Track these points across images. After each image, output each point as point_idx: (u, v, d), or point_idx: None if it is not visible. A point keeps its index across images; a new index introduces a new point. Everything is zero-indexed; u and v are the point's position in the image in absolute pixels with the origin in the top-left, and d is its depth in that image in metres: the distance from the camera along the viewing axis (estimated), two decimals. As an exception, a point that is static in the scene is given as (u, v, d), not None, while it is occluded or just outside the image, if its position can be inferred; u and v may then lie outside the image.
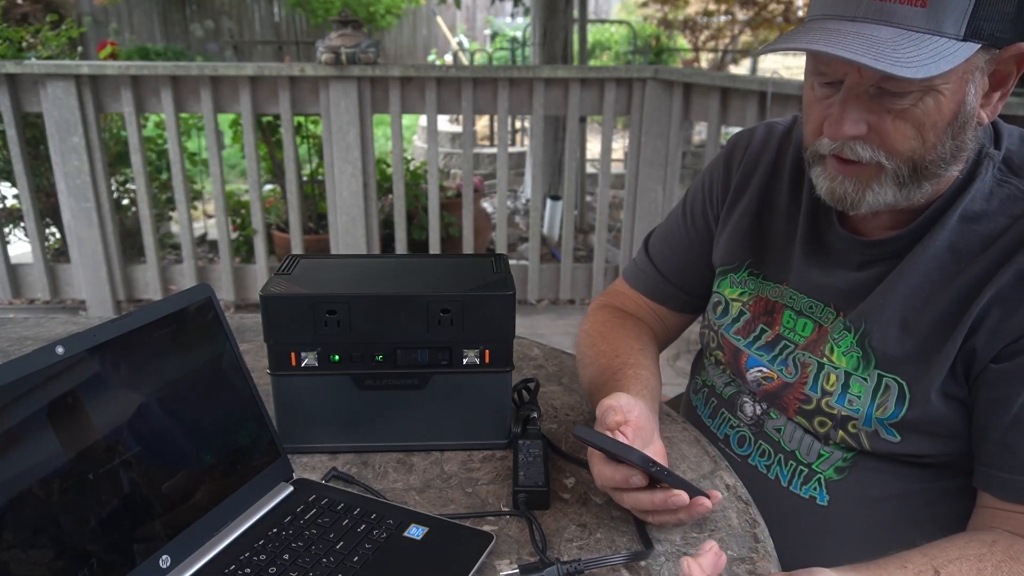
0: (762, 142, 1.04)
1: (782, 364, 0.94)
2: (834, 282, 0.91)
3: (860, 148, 0.79)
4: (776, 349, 0.95)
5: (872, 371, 0.85)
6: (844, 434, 0.87)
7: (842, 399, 0.87)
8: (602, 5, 11.91)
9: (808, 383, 0.90)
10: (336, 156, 3.24)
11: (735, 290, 1.02)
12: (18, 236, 3.75)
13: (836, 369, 0.88)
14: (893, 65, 0.69)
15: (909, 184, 0.80)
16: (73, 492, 0.62)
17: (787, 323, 0.95)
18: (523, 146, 6.86)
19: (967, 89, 0.75)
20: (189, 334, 0.76)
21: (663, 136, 3.22)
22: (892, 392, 0.83)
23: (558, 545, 0.77)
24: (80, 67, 3.08)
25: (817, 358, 0.90)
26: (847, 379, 0.87)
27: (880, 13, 0.72)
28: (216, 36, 10.16)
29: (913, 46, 0.71)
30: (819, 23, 0.77)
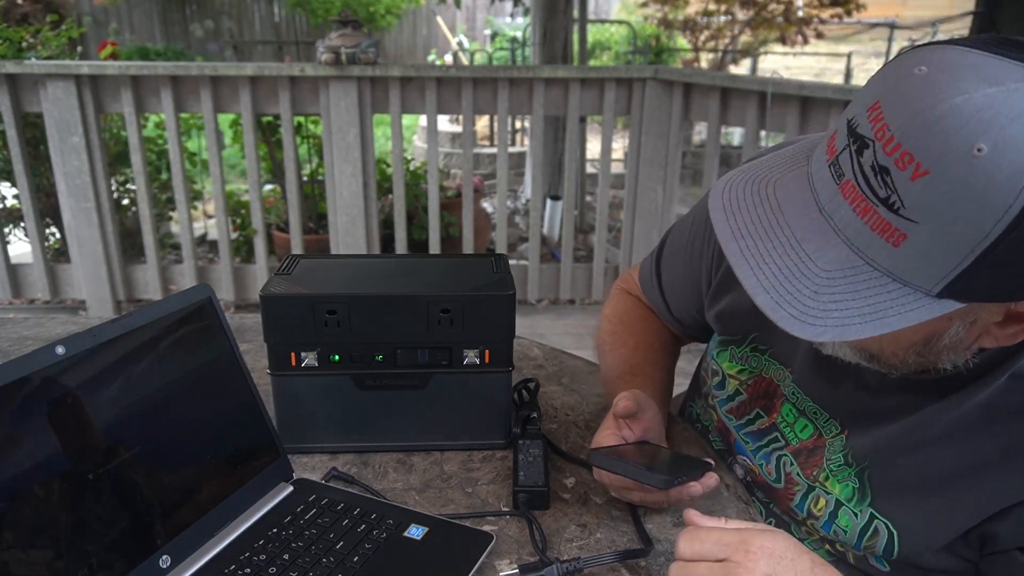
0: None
1: (764, 459, 0.86)
2: (843, 399, 0.79)
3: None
4: (764, 440, 0.86)
5: (865, 507, 0.75)
6: (830, 548, 0.81)
7: (828, 526, 0.78)
8: (602, 5, 11.91)
9: (795, 500, 0.82)
10: (336, 156, 3.24)
11: (734, 366, 0.91)
12: (18, 236, 3.75)
13: (828, 495, 0.79)
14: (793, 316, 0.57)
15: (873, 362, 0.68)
16: (73, 492, 0.62)
17: (786, 416, 0.84)
18: (523, 146, 6.86)
19: (949, 325, 0.60)
20: (189, 334, 0.76)
21: (663, 136, 3.22)
22: (881, 536, 0.74)
23: (558, 545, 0.77)
24: (80, 67, 3.08)
25: (807, 480, 0.81)
26: (836, 508, 0.78)
27: (848, 226, 0.56)
28: (216, 36, 10.16)
29: (851, 290, 0.56)
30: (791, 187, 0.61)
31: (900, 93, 0.54)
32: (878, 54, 9.59)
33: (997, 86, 0.51)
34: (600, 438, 0.84)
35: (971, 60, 0.53)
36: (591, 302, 3.67)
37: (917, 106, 0.52)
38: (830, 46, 10.36)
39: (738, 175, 0.66)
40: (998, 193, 0.50)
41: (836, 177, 0.57)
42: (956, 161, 0.50)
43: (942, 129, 0.51)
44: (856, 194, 0.55)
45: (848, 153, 0.56)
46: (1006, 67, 0.52)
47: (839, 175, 0.57)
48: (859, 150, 0.55)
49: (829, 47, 10.47)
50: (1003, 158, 0.49)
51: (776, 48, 8.99)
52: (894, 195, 0.53)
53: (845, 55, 8.69)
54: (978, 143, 0.50)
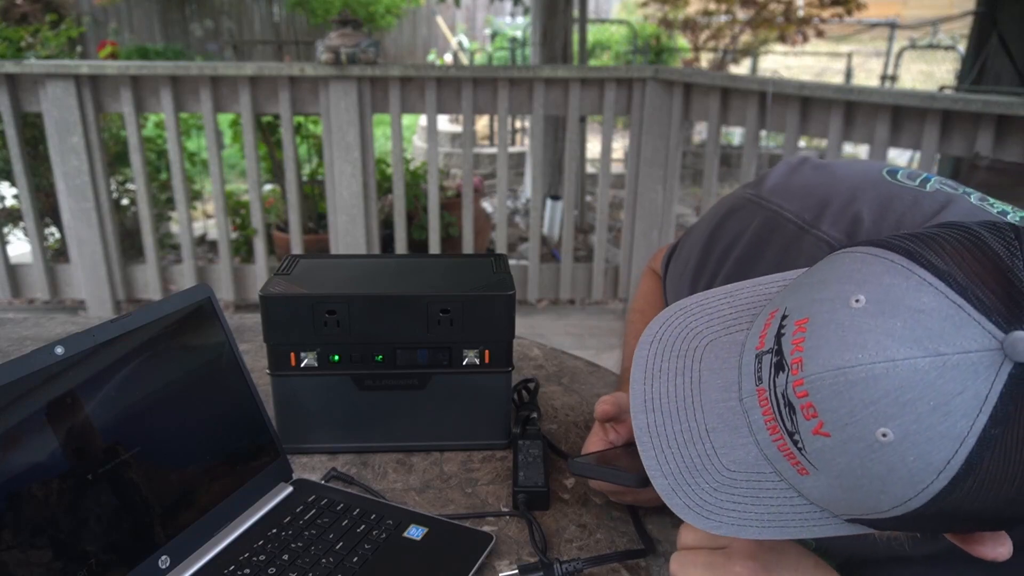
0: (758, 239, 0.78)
1: None
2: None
3: None
4: None
5: None
6: None
7: None
8: (602, 5, 11.91)
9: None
10: (336, 156, 3.24)
11: None
12: (18, 236, 3.75)
13: None
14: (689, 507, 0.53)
15: None
16: (73, 492, 0.62)
17: None
18: (523, 146, 6.86)
19: None
20: (189, 334, 0.76)
21: (663, 136, 3.22)
22: None
23: (558, 545, 0.77)
24: (80, 67, 3.08)
25: None
26: None
27: (759, 431, 0.52)
28: (216, 36, 10.16)
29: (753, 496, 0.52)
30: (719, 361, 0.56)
31: (826, 328, 0.47)
32: (878, 54, 9.59)
33: (933, 356, 0.42)
34: (588, 444, 0.84)
35: (919, 303, 0.44)
36: (591, 302, 3.68)
37: (834, 360, 0.45)
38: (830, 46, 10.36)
39: (676, 320, 0.61)
40: (898, 484, 0.44)
41: (756, 378, 0.52)
42: (857, 438, 0.45)
43: (851, 398, 0.44)
44: (768, 409, 0.50)
45: (770, 361, 0.50)
46: (959, 323, 0.42)
47: (759, 377, 0.51)
48: (777, 367, 0.49)
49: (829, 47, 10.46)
50: (910, 451, 0.43)
51: (776, 48, 8.99)
52: (798, 434, 0.48)
53: (845, 55, 8.69)
54: (884, 427, 0.43)
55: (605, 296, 3.57)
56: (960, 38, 7.47)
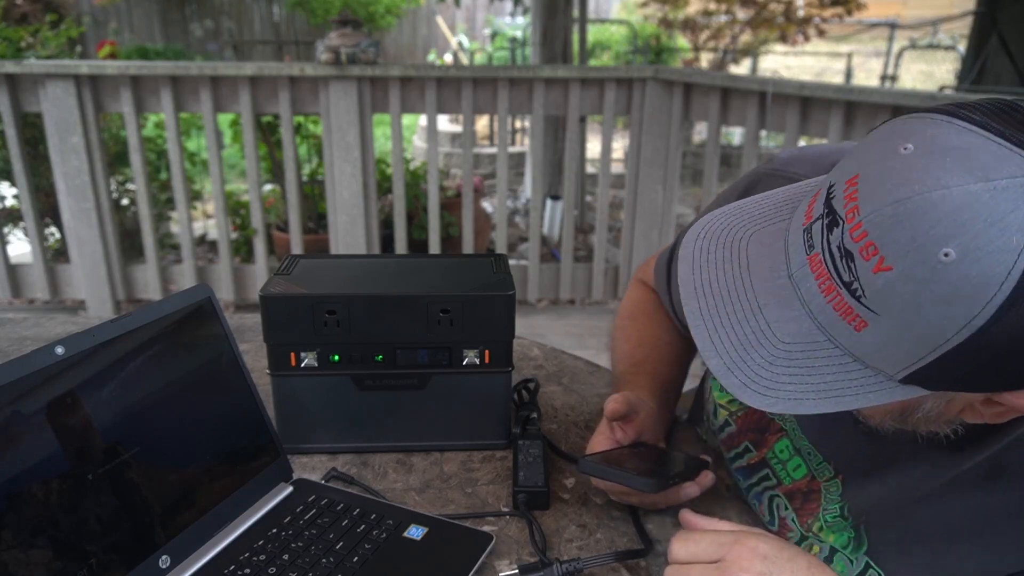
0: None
1: (756, 499, 0.83)
2: (841, 441, 0.75)
3: None
4: (755, 477, 0.83)
5: (861, 556, 0.72)
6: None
7: None
8: (602, 5, 11.91)
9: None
10: (336, 156, 3.24)
11: (724, 396, 0.88)
12: (18, 236, 3.75)
13: (821, 543, 0.76)
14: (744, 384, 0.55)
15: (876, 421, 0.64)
16: (73, 492, 0.62)
17: (779, 452, 0.81)
18: (523, 146, 6.86)
19: (921, 403, 0.57)
20: (189, 334, 0.76)
21: (663, 136, 3.22)
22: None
23: (558, 545, 0.77)
24: (79, 67, 3.08)
25: (802, 529, 0.78)
26: (832, 554, 0.74)
27: (812, 299, 0.54)
28: (216, 36, 10.15)
29: (809, 366, 0.54)
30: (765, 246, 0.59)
31: (878, 174, 0.50)
32: (878, 54, 9.59)
33: (983, 182, 0.46)
34: (594, 443, 0.84)
35: (964, 142, 0.48)
36: (591, 302, 3.68)
37: (891, 195, 0.48)
38: (830, 46, 10.36)
39: (717, 220, 0.63)
40: (962, 302, 0.46)
41: (807, 247, 0.54)
42: (920, 263, 0.47)
43: (911, 226, 0.47)
44: (822, 270, 0.52)
45: (821, 225, 0.53)
46: (1002, 156, 0.46)
47: (810, 246, 0.54)
48: (830, 226, 0.52)
49: (829, 47, 10.46)
50: (972, 267, 0.46)
51: (776, 48, 8.99)
52: (856, 282, 0.50)
53: (845, 55, 8.69)
54: (947, 247, 0.46)
55: (605, 296, 3.57)
56: (960, 38, 7.47)
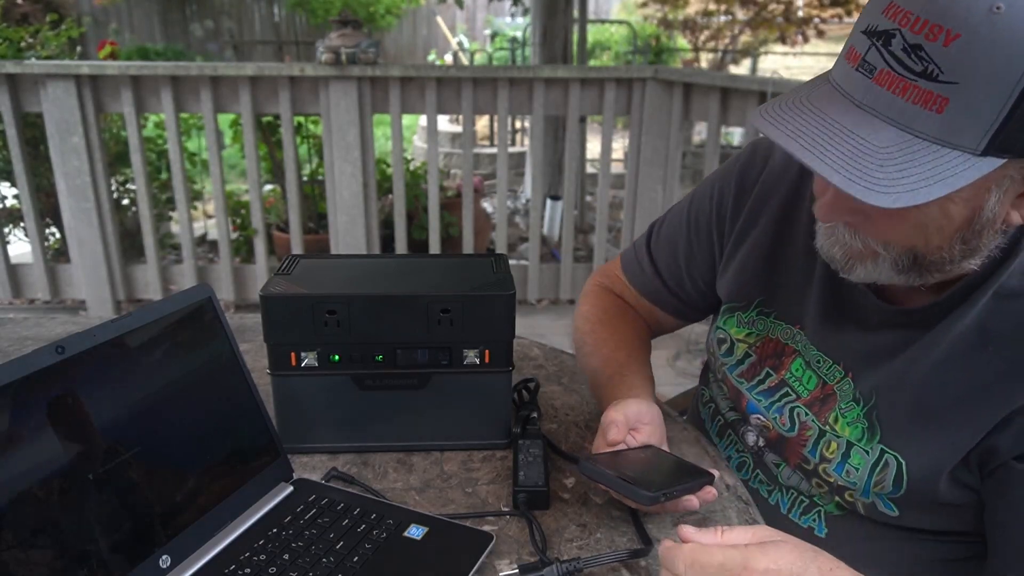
0: (784, 160, 0.91)
1: (777, 413, 0.89)
2: (846, 339, 0.83)
3: (849, 237, 0.72)
4: (776, 395, 0.89)
5: (875, 444, 0.79)
6: (840, 501, 0.84)
7: (840, 468, 0.82)
8: (602, 5, 11.91)
9: (807, 446, 0.85)
10: (336, 156, 3.24)
11: (742, 330, 0.95)
12: (18, 236, 3.75)
13: (838, 438, 0.82)
14: (868, 188, 0.61)
15: (910, 272, 0.72)
16: (73, 492, 0.62)
17: (795, 371, 0.88)
18: (523, 146, 6.86)
19: (988, 196, 0.65)
20: (189, 334, 0.76)
21: (663, 136, 3.22)
22: (891, 470, 0.78)
23: (558, 545, 0.77)
24: (80, 67, 3.08)
25: (820, 424, 0.84)
26: (848, 448, 0.81)
27: (890, 108, 0.62)
28: (216, 36, 10.16)
29: (910, 160, 0.61)
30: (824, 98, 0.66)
31: None
32: (878, 54, 9.56)
33: None
34: (599, 443, 0.84)
35: None
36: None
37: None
38: (830, 46, 10.35)
39: (767, 105, 0.70)
40: (1021, 43, 0.56)
41: (868, 74, 0.63)
42: (981, 21, 0.57)
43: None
44: (892, 78, 0.61)
45: (875, 50, 0.62)
46: None
47: (870, 71, 0.63)
48: (886, 43, 0.61)
49: (829, 47, 10.45)
50: (1020, 11, 0.56)
51: (776, 48, 8.99)
52: (931, 65, 0.59)
53: (845, 55, 8.65)
54: (996, 2, 0.56)
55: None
56: (960, 38, 7.43)
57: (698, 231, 1.01)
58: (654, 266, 1.07)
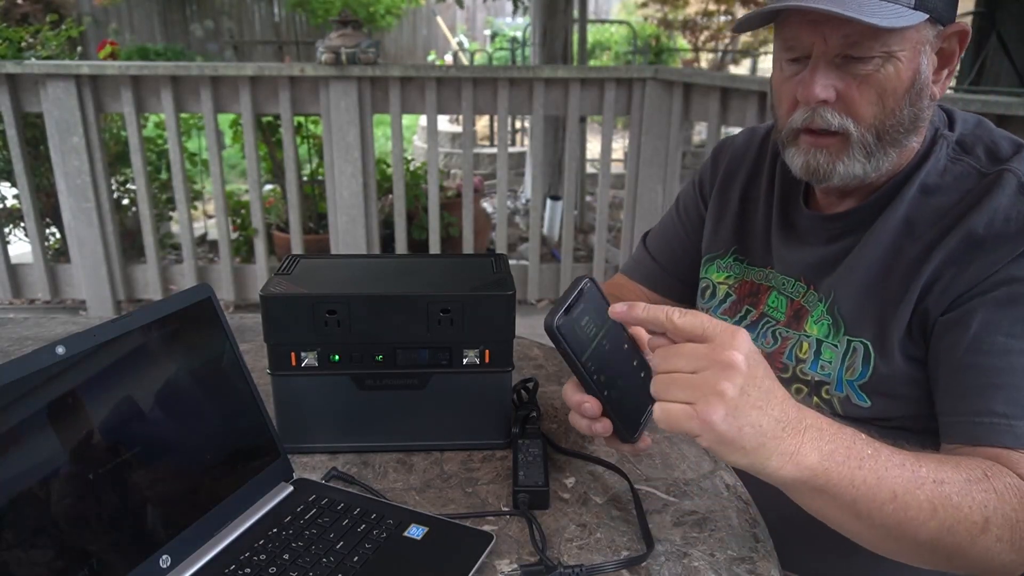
0: (745, 143, 1.15)
1: (762, 337, 1.01)
2: (803, 257, 0.99)
3: (829, 115, 0.86)
4: (758, 327, 1.02)
5: (842, 337, 0.92)
6: (819, 400, 0.94)
7: (815, 365, 0.94)
8: (602, 5, 11.91)
9: (785, 353, 0.98)
10: (336, 156, 3.24)
11: (721, 274, 1.10)
12: (18, 236, 3.75)
13: (809, 338, 0.95)
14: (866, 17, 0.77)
15: (876, 152, 0.87)
16: (73, 492, 0.62)
17: (771, 303, 1.03)
18: (523, 146, 6.86)
19: (920, 59, 0.84)
20: (189, 334, 0.76)
21: (663, 136, 3.22)
22: (859, 354, 0.90)
23: (558, 545, 0.77)
24: (80, 67, 3.08)
25: (797, 332, 0.97)
26: (819, 346, 0.94)
27: None
28: (216, 36, 10.16)
29: (873, 6, 0.79)
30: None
31: None
32: (878, 54, 9.56)
33: None
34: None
35: None
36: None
37: None
38: (830, 46, 10.29)
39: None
40: None
41: None
42: None
43: None
44: None
45: None
46: None
47: None
48: None
49: (829, 47, 10.40)
50: None
51: (776, 48, 8.95)
52: None
53: (845, 55, 8.65)
54: None
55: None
56: (960, 38, 7.44)
57: (687, 213, 1.20)
58: (652, 258, 1.24)
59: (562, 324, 0.68)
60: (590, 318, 0.70)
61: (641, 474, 0.89)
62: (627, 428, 0.74)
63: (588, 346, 0.70)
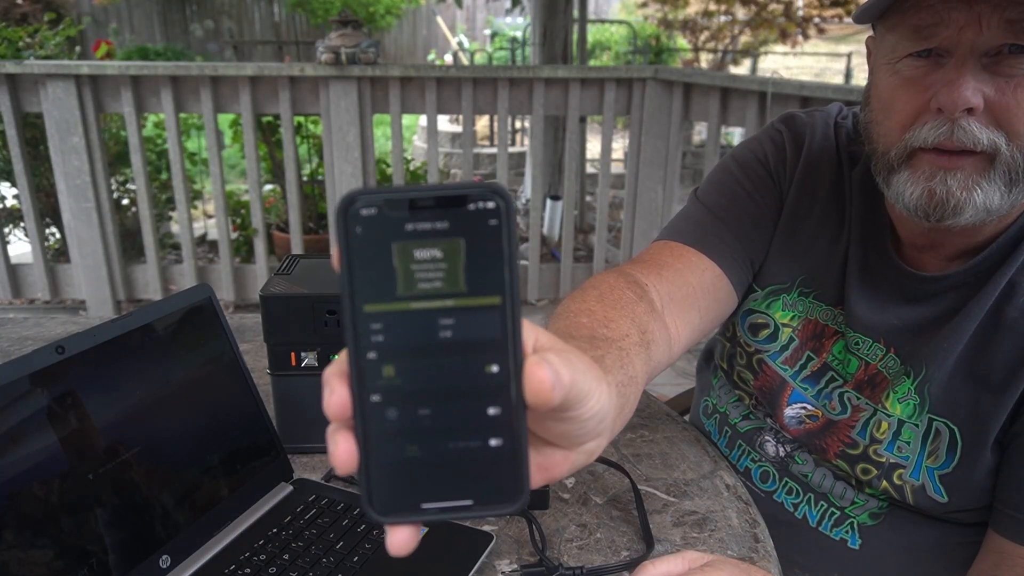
0: (823, 137, 0.88)
1: (827, 399, 0.85)
2: (885, 318, 0.82)
3: (976, 128, 0.66)
4: (822, 381, 0.86)
5: (924, 415, 0.79)
6: (888, 485, 0.81)
7: (891, 446, 0.80)
8: (602, 5, 11.91)
9: (856, 427, 0.83)
10: (336, 156, 3.24)
11: (787, 314, 0.89)
12: (18, 236, 3.75)
13: (889, 417, 0.81)
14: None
15: (1020, 181, 0.68)
16: (73, 492, 0.62)
17: (837, 353, 0.86)
18: (523, 146, 6.86)
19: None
20: (189, 334, 0.76)
21: (663, 136, 3.22)
22: (943, 438, 0.77)
23: (558, 545, 0.77)
24: (80, 67, 3.08)
25: (873, 404, 0.83)
26: (899, 427, 0.80)
27: None
28: (216, 36, 10.16)
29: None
30: None
31: None
32: (878, 54, 9.56)
33: None
34: None
35: None
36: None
37: None
38: (830, 46, 10.36)
39: None
40: None
41: None
42: None
43: None
44: None
45: None
46: None
47: None
48: None
49: (829, 47, 10.47)
50: None
51: (776, 48, 8.99)
52: None
53: (845, 55, 8.69)
54: None
55: (605, 296, 3.56)
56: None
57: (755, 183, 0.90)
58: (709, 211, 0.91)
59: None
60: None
61: (641, 474, 0.89)
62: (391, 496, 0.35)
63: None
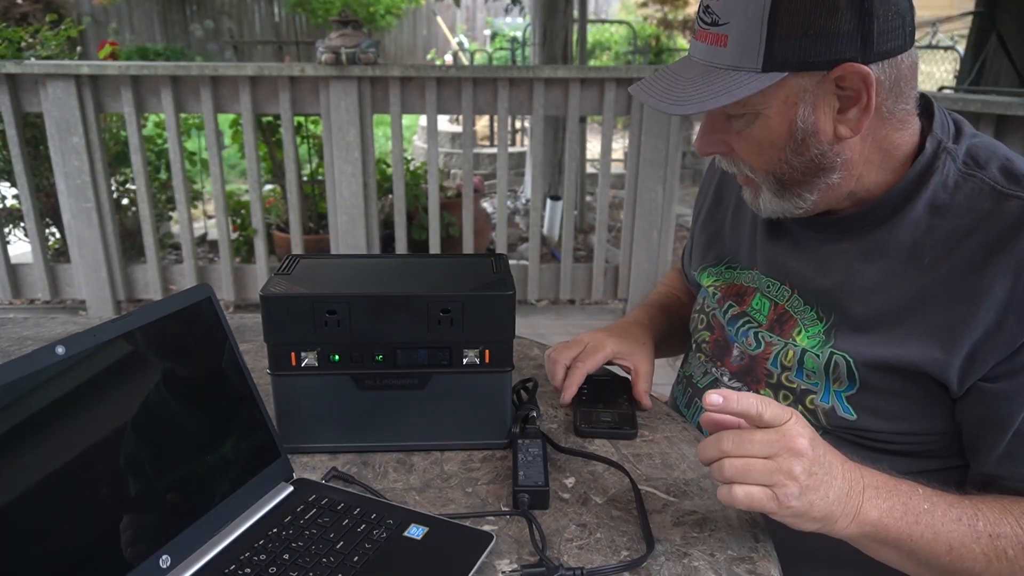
0: None
1: (743, 336, 1.00)
2: (787, 261, 0.96)
3: (727, 163, 0.90)
4: (740, 322, 1.01)
5: (827, 348, 0.89)
6: (804, 410, 0.91)
7: (799, 373, 0.92)
8: (602, 5, 11.91)
9: (770, 359, 0.95)
10: (336, 156, 3.24)
11: (710, 279, 1.10)
12: (18, 236, 3.75)
13: (796, 347, 0.92)
14: (673, 104, 0.82)
15: (786, 194, 0.87)
16: (73, 492, 0.62)
17: (754, 304, 1.00)
18: (523, 146, 6.86)
19: (797, 110, 0.80)
20: (189, 334, 0.76)
21: (663, 136, 3.22)
22: (841, 368, 0.87)
23: (558, 545, 0.77)
24: (80, 67, 3.08)
25: (784, 339, 0.94)
26: (802, 355, 0.91)
27: (703, 53, 0.83)
28: (216, 36, 10.16)
29: (707, 84, 0.80)
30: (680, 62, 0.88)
31: None
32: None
33: None
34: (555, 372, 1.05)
35: None
36: (591, 302, 3.67)
37: None
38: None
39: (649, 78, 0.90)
40: None
41: (694, 35, 0.86)
42: None
43: None
44: (702, 33, 0.83)
45: (698, 16, 0.85)
46: None
47: (695, 32, 0.85)
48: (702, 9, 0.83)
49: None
50: None
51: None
52: (714, 15, 0.80)
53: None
54: None
55: (605, 296, 3.57)
56: (959, 38, 7.47)
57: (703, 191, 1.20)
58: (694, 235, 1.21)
59: None
60: None
61: (641, 474, 0.89)
62: None
63: None
